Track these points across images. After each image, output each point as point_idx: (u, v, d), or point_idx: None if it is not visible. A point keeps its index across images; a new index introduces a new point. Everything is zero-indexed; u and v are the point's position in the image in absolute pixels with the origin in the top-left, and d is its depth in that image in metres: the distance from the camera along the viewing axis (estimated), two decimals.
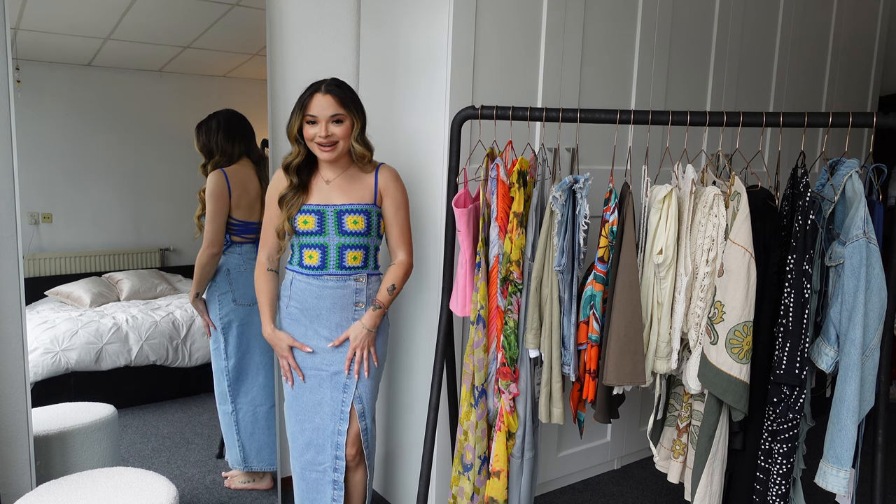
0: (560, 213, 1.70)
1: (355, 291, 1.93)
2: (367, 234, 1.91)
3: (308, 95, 1.85)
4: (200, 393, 3.00)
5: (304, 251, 1.92)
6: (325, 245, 1.90)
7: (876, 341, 1.48)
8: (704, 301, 1.63)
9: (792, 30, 3.08)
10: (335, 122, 1.83)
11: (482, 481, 1.88)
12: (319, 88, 1.84)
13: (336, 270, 1.90)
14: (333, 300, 1.92)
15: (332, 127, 1.83)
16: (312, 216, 1.89)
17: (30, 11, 3.38)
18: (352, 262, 1.91)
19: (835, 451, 1.50)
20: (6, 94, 1.87)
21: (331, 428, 1.96)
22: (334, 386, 1.95)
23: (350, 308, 1.93)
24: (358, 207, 1.90)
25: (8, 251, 1.90)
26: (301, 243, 1.93)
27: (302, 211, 1.89)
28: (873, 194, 1.58)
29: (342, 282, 1.91)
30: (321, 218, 1.89)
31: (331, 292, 1.91)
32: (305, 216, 1.89)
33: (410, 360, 2.39)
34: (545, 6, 2.23)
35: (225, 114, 2.49)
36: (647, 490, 2.69)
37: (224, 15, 3.42)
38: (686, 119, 1.64)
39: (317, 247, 1.90)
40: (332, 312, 1.92)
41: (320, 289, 1.91)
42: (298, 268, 1.94)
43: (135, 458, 2.99)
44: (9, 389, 1.94)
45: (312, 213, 1.89)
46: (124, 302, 4.33)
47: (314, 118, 1.83)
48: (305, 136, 1.87)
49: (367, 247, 1.93)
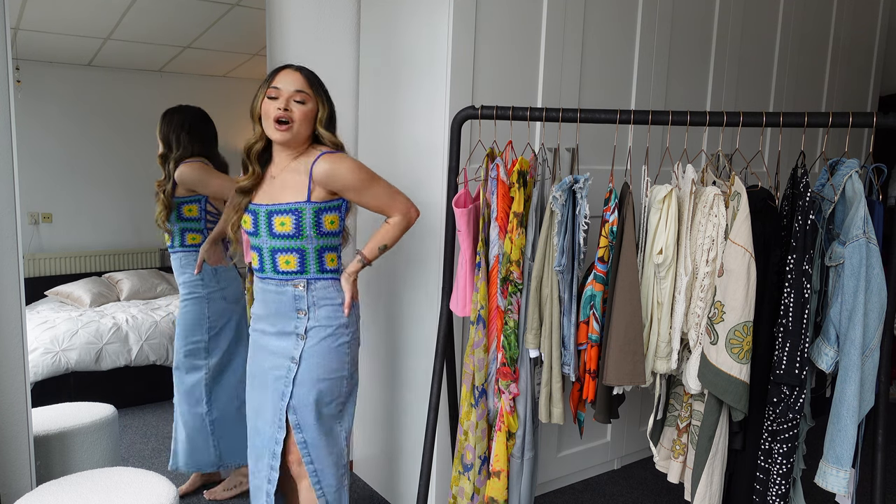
0: (560, 213, 1.70)
1: (294, 298, 1.77)
2: (297, 237, 1.73)
3: (275, 70, 1.76)
4: None
5: (251, 252, 1.83)
6: (260, 247, 1.78)
7: (876, 341, 1.48)
8: (704, 301, 1.64)
9: (792, 30, 3.08)
10: (298, 101, 1.71)
11: (482, 481, 1.88)
12: (290, 65, 1.76)
13: (273, 274, 1.78)
14: (276, 305, 1.79)
15: (293, 104, 1.70)
16: (249, 216, 1.79)
17: (30, 11, 3.38)
18: (284, 267, 1.76)
19: (835, 451, 1.50)
20: (6, 94, 1.86)
21: (268, 434, 1.81)
22: (275, 390, 1.80)
23: (292, 315, 1.78)
24: (285, 208, 1.72)
25: (8, 251, 1.90)
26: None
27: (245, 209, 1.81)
28: (873, 194, 1.59)
29: (281, 286, 1.78)
30: (255, 218, 1.77)
31: (272, 297, 1.80)
32: (246, 215, 1.80)
33: (410, 360, 2.39)
34: (545, 6, 2.23)
35: (193, 112, 2.44)
36: (647, 490, 2.69)
37: (224, 15, 3.42)
38: (686, 119, 1.64)
39: (255, 248, 1.80)
40: (276, 317, 1.81)
41: (264, 292, 1.82)
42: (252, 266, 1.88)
43: (135, 458, 2.99)
44: (9, 389, 1.94)
45: (250, 212, 1.79)
46: (124, 302, 4.33)
47: (277, 91, 1.70)
48: (263, 113, 1.72)
49: (302, 250, 1.75)
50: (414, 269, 2.33)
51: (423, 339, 2.31)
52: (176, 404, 2.50)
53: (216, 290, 2.42)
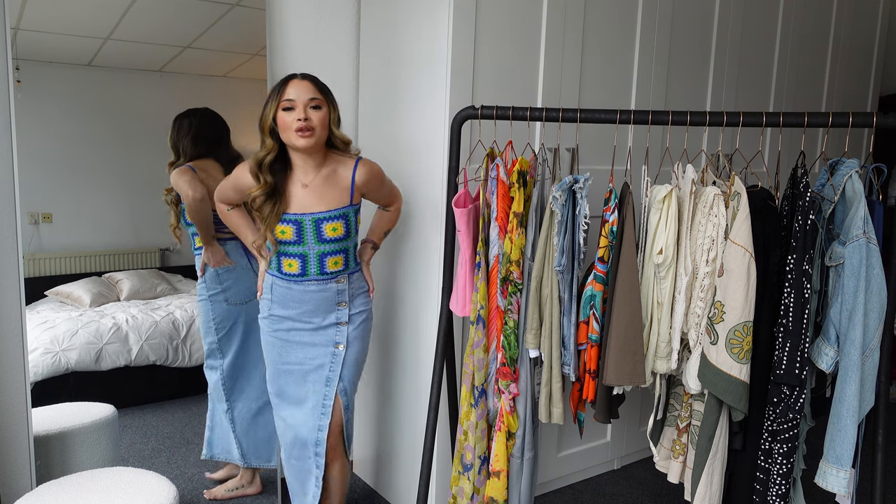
0: (560, 213, 1.70)
1: (337, 293, 1.93)
2: (346, 239, 1.89)
3: (283, 82, 1.81)
4: (200, 393, 3.00)
5: (283, 259, 1.89)
6: (304, 254, 1.87)
7: (876, 341, 1.48)
8: (704, 301, 1.64)
9: (792, 30, 3.08)
10: (313, 107, 1.79)
11: (482, 481, 1.88)
12: (295, 75, 1.83)
13: (317, 276, 1.89)
14: (316, 302, 1.92)
15: (310, 111, 1.78)
16: (290, 226, 1.84)
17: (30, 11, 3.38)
18: (333, 268, 1.90)
19: (835, 451, 1.50)
20: (6, 94, 1.86)
21: (311, 423, 1.95)
22: (317, 379, 1.94)
23: (332, 308, 1.94)
24: (336, 213, 1.85)
25: (8, 251, 1.90)
26: (279, 251, 1.89)
27: (280, 220, 1.85)
28: (873, 194, 1.58)
29: (323, 285, 1.91)
30: (299, 228, 1.84)
31: (313, 295, 1.91)
32: (283, 226, 1.84)
33: (410, 360, 2.39)
34: (545, 6, 2.23)
35: (198, 115, 2.47)
36: (647, 490, 2.69)
37: (224, 15, 3.42)
38: (686, 119, 1.64)
39: (296, 256, 1.87)
40: (313, 314, 1.93)
41: (302, 293, 1.91)
42: (278, 273, 1.93)
43: (135, 458, 2.99)
44: (9, 389, 1.94)
45: (290, 223, 1.84)
46: (124, 302, 4.33)
47: (291, 102, 1.77)
48: (281, 125, 1.79)
49: (346, 250, 1.92)
50: (414, 269, 2.33)
51: (423, 339, 2.31)
52: (209, 397, 2.58)
53: (217, 292, 2.43)
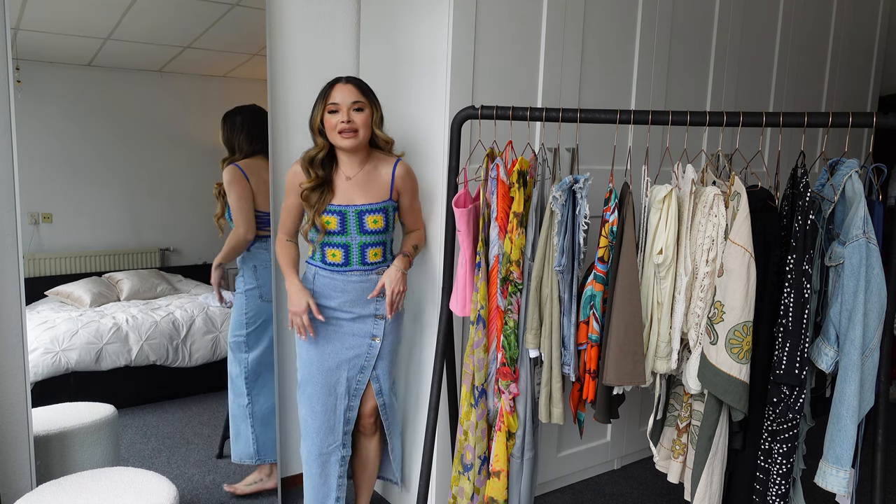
0: (560, 213, 1.70)
1: (376, 284, 2.04)
2: (385, 231, 2.02)
3: (329, 86, 1.94)
4: (200, 393, 3.00)
5: (327, 249, 2.00)
6: (347, 244, 1.99)
7: (876, 341, 1.48)
8: (704, 301, 1.63)
9: (792, 30, 3.08)
10: (356, 109, 1.91)
11: (482, 481, 1.88)
12: (340, 79, 1.94)
13: (359, 266, 2.01)
14: (357, 293, 2.03)
15: (353, 114, 1.90)
16: (335, 217, 1.96)
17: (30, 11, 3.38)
18: (373, 259, 2.02)
19: (835, 451, 1.50)
20: (6, 94, 1.87)
21: (342, 406, 2.08)
22: (352, 367, 2.06)
23: (370, 300, 2.04)
24: (377, 206, 1.98)
25: (8, 251, 1.90)
26: (323, 241, 1.99)
27: (324, 211, 1.96)
28: (873, 194, 1.58)
29: (365, 276, 2.02)
30: (343, 218, 1.96)
31: (354, 286, 2.02)
32: (327, 216, 1.96)
33: (410, 359, 2.39)
34: (545, 6, 2.23)
35: (250, 111, 2.50)
36: (647, 490, 2.69)
37: (224, 15, 3.41)
38: (686, 119, 1.64)
39: (339, 246, 1.99)
40: (353, 304, 2.03)
41: (344, 283, 2.02)
42: (321, 264, 2.02)
43: (135, 458, 2.99)
44: (9, 389, 1.94)
45: (334, 213, 1.96)
46: (124, 302, 4.32)
47: (336, 106, 1.90)
48: (327, 126, 1.92)
49: (385, 242, 2.05)
50: (414, 269, 2.32)
51: (423, 339, 2.31)
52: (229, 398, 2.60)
53: (253, 287, 2.46)
